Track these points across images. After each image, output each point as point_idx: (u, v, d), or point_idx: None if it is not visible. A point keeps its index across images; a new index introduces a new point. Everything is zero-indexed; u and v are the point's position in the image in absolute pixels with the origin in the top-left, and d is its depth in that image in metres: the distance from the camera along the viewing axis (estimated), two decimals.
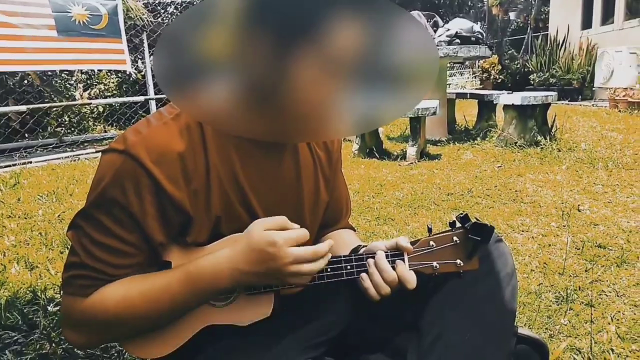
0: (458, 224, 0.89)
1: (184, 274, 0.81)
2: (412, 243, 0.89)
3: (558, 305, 1.61)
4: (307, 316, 0.93)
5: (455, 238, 0.88)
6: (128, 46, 5.53)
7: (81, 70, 7.39)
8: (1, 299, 1.74)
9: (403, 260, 0.87)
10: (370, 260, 0.87)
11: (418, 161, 4.01)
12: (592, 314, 1.53)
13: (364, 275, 0.87)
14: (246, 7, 0.59)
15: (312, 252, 0.80)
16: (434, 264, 0.88)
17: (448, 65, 8.49)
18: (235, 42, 0.62)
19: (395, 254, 0.88)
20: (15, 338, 1.52)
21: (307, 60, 0.65)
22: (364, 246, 0.98)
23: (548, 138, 4.31)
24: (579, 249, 2.05)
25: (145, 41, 6.30)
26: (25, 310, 1.67)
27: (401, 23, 0.63)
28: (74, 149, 5.52)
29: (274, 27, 0.60)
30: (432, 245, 0.88)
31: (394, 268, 0.86)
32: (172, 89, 0.68)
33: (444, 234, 0.90)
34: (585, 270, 1.85)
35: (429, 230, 0.90)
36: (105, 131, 7.03)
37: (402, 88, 0.70)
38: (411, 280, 0.85)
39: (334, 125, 0.75)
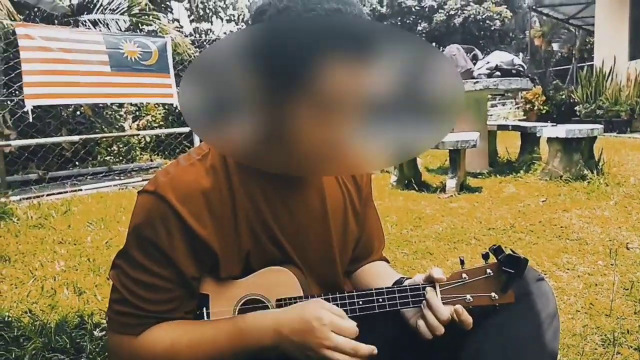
0: (491, 256, 0.88)
1: (231, 327, 0.83)
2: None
3: (604, 348, 1.54)
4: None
5: (488, 270, 0.87)
6: (175, 80, 5.79)
7: (130, 103, 7.76)
8: (51, 322, 1.83)
9: (435, 292, 0.87)
10: (424, 302, 0.87)
11: (458, 194, 3.96)
12: None
13: (420, 321, 0.87)
14: (247, 54, 0.62)
15: (353, 347, 0.80)
16: (467, 297, 0.86)
17: (489, 97, 8.41)
18: (245, 84, 0.65)
19: (427, 285, 0.88)
20: None
21: (312, 100, 0.68)
22: (406, 278, 0.98)
23: (595, 172, 4.17)
24: (628, 289, 1.97)
25: None
26: (73, 334, 1.74)
27: (429, 58, 0.65)
28: (122, 178, 5.76)
29: (275, 72, 0.63)
30: (465, 277, 0.87)
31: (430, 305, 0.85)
32: (198, 123, 0.72)
33: (477, 266, 0.89)
34: (635, 313, 1.77)
35: (462, 262, 0.89)
36: (151, 160, 7.31)
37: (427, 122, 0.72)
38: (469, 324, 0.85)
39: (360, 159, 0.78)
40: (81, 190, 4.88)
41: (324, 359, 0.80)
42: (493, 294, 0.87)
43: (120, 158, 7.10)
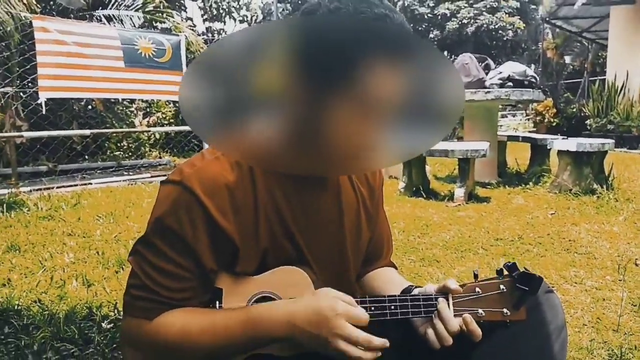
0: (506, 272, 0.88)
1: (244, 316, 0.84)
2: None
3: None
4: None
5: (502, 286, 0.87)
6: None
7: (142, 99, 7.81)
8: (60, 313, 1.85)
9: (448, 304, 0.87)
10: (435, 312, 0.87)
11: (466, 203, 3.96)
12: None
13: (430, 330, 0.87)
14: (286, 49, 0.63)
15: (366, 338, 0.79)
16: (480, 311, 0.87)
17: (500, 107, 8.39)
18: (275, 81, 0.65)
19: (440, 296, 0.88)
20: (72, 351, 1.60)
21: (345, 100, 0.69)
22: (416, 287, 0.98)
23: (605, 187, 4.15)
24: (635, 305, 1.96)
25: None
26: (81, 325, 1.76)
27: (435, 63, 0.67)
28: (131, 173, 5.79)
29: (313, 69, 0.64)
30: (478, 291, 0.88)
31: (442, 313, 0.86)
32: (204, 127, 0.72)
33: (491, 281, 0.89)
34: None
35: (475, 276, 0.89)
36: (160, 157, 7.35)
37: (431, 123, 0.75)
38: (478, 335, 0.84)
39: (373, 157, 0.80)
40: (91, 184, 4.92)
41: (336, 350, 0.79)
42: (505, 310, 0.87)
43: (130, 154, 7.15)
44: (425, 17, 18.27)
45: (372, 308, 0.88)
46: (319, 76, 0.65)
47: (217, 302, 0.89)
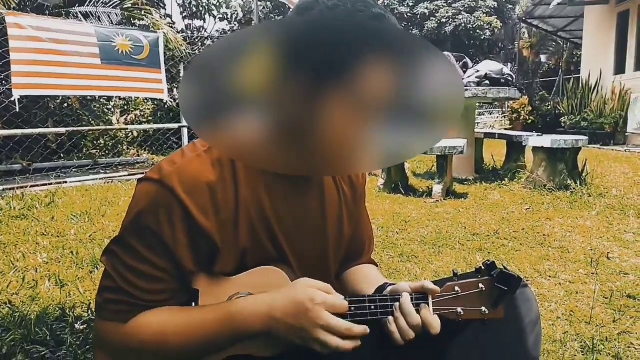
0: (485, 271, 0.89)
1: (222, 312, 0.82)
2: (436, 283, 0.89)
3: (583, 355, 1.57)
4: (329, 356, 0.94)
5: (481, 285, 0.88)
6: (166, 76, 5.75)
7: (119, 97, 7.69)
8: (32, 314, 1.80)
9: (427, 304, 0.87)
10: (396, 304, 0.86)
11: (444, 199, 4.00)
12: None
13: (390, 318, 0.86)
14: (283, 46, 0.62)
15: (347, 327, 0.79)
16: (459, 309, 0.87)
17: (477, 105, 8.50)
18: (269, 79, 0.64)
19: (420, 297, 0.88)
20: (43, 353, 1.56)
21: (339, 99, 0.68)
22: (390, 284, 0.97)
23: (578, 182, 4.25)
24: (607, 298, 2.00)
25: (182, 72, 6.54)
26: (53, 327, 1.72)
27: (432, 61, 0.65)
28: (108, 172, 5.70)
29: (310, 66, 0.63)
30: (458, 290, 0.88)
31: (418, 311, 0.85)
32: (199, 122, 0.70)
33: (470, 280, 0.89)
34: (614, 321, 1.80)
35: (455, 275, 0.89)
36: (138, 155, 7.24)
37: (428, 124, 0.73)
38: (435, 325, 0.84)
39: (361, 159, 0.78)
40: (66, 182, 4.81)
41: (316, 341, 0.79)
42: (484, 309, 0.87)
43: (107, 152, 7.03)
44: (405, 16, 18.40)
45: (352, 308, 0.87)
46: (316, 74, 0.64)
47: (194, 304, 0.87)
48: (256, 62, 0.63)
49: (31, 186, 4.49)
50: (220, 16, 16.22)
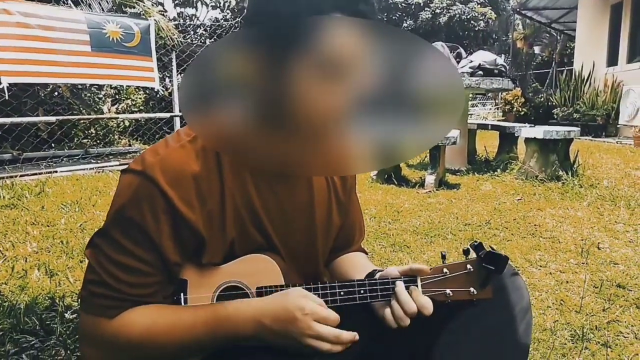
0: (472, 252, 0.89)
1: (210, 314, 0.82)
2: None
3: (573, 343, 1.58)
4: None
5: (468, 266, 0.89)
6: (157, 64, 5.68)
7: (110, 85, 7.60)
8: (21, 304, 1.79)
9: (417, 285, 0.88)
10: (394, 290, 0.87)
11: (436, 190, 4.01)
12: (607, 355, 1.50)
13: (387, 310, 0.87)
14: (277, 39, 0.62)
15: (335, 335, 0.80)
16: (447, 291, 0.88)
17: (470, 96, 8.50)
18: (261, 71, 0.64)
19: (409, 279, 0.88)
20: (32, 342, 1.55)
21: (328, 87, 0.67)
22: (379, 271, 0.98)
23: (570, 173, 4.27)
24: (597, 287, 2.02)
25: (174, 60, 6.47)
26: (43, 316, 1.71)
27: (426, 56, 0.64)
28: (99, 161, 5.65)
29: (293, 56, 0.63)
30: (446, 272, 0.89)
31: (410, 294, 0.86)
32: (193, 114, 0.70)
33: (458, 262, 0.90)
34: (603, 310, 1.82)
35: (443, 257, 0.90)
36: (130, 145, 7.18)
37: (426, 121, 0.71)
38: (427, 306, 0.84)
39: (350, 160, 0.76)
40: (56, 172, 4.76)
41: (307, 348, 0.79)
42: (472, 289, 0.88)
43: (98, 141, 6.95)
44: (400, 6, 18.33)
45: (342, 293, 0.88)
46: (280, 41, 0.63)
47: (182, 294, 0.87)
48: (251, 57, 0.63)
49: (21, 175, 4.43)
50: (213, 4, 16.05)
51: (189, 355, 0.85)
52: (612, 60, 9.59)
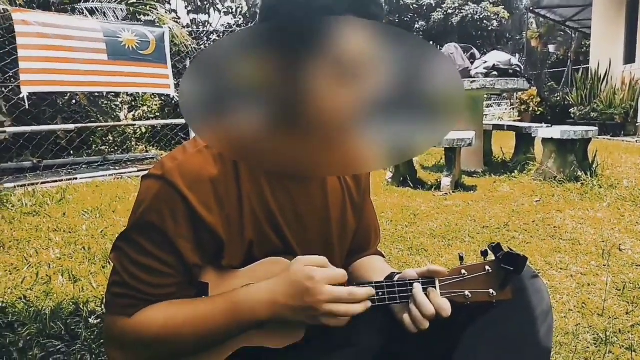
0: (490, 254, 0.89)
1: (226, 303, 0.84)
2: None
3: (596, 347, 1.57)
4: (339, 342, 0.94)
5: (487, 267, 0.88)
6: (172, 71, 5.75)
7: (126, 93, 7.71)
8: (46, 309, 1.83)
9: (435, 287, 0.87)
10: (411, 297, 0.87)
11: (453, 192, 3.98)
12: (632, 359, 1.48)
13: (406, 314, 0.87)
14: (292, 39, 0.63)
15: (348, 292, 0.81)
16: (466, 292, 0.87)
17: (485, 96, 8.44)
18: (274, 72, 0.64)
19: (427, 281, 0.88)
20: (59, 347, 1.58)
21: (340, 87, 0.68)
22: (397, 273, 0.98)
23: (589, 174, 4.21)
24: (620, 290, 1.99)
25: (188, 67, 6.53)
26: (68, 321, 1.74)
27: (427, 57, 0.66)
28: (117, 168, 5.73)
29: (307, 57, 0.64)
30: (464, 273, 0.88)
31: (427, 296, 0.86)
32: (198, 121, 0.70)
33: (476, 263, 0.89)
34: (626, 313, 1.80)
35: (461, 258, 0.90)
36: (147, 151, 7.27)
37: (429, 120, 0.72)
38: (445, 307, 0.84)
39: (362, 159, 0.77)
40: (76, 179, 4.84)
41: (325, 314, 0.80)
42: (491, 291, 0.87)
43: (116, 148, 7.05)
44: (411, 7, 18.28)
45: None
46: (307, 63, 0.64)
47: (204, 297, 0.89)
48: (257, 58, 0.64)
49: (42, 183, 4.52)
50: (225, 10, 16.18)
51: (212, 345, 0.87)
52: (630, 58, 9.44)
